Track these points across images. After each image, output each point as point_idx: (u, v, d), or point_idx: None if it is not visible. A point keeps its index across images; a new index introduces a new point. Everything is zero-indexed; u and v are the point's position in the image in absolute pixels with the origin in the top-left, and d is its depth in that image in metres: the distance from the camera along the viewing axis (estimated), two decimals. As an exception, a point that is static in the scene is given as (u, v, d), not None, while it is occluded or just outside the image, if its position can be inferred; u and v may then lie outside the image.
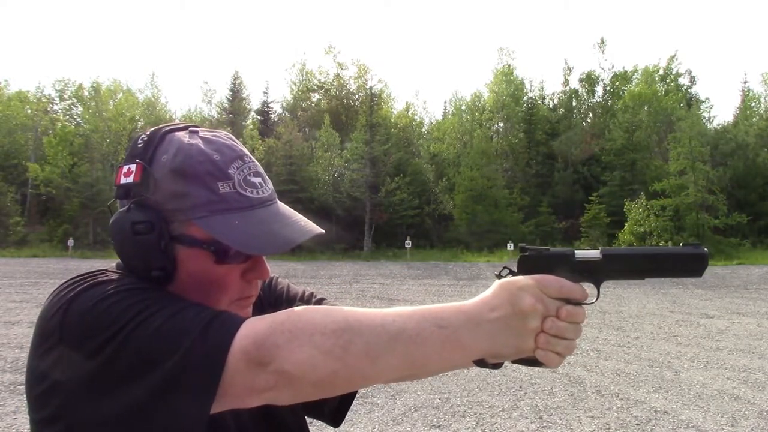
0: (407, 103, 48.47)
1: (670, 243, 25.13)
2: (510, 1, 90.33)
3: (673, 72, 40.04)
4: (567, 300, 0.74)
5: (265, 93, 48.12)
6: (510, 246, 27.09)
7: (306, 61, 56.10)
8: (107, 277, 0.76)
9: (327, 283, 16.84)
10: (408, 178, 33.40)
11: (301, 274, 20.11)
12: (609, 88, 40.85)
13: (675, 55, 42.87)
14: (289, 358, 0.67)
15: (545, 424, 4.96)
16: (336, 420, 1.01)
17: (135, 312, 0.69)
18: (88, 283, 0.74)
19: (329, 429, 1.06)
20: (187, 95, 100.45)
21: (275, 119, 43.15)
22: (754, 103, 39.77)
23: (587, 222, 30.65)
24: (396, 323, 0.70)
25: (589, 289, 0.77)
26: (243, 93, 44.49)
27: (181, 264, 0.79)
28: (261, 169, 0.86)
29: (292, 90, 45.49)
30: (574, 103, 42.01)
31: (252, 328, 0.69)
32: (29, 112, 40.35)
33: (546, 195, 35.18)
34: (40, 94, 41.76)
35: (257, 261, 0.85)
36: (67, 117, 40.93)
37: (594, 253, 0.77)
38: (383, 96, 41.12)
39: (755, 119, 38.04)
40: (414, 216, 33.17)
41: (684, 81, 40.35)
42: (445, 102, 59.11)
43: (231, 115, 43.15)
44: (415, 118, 44.39)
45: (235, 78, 44.20)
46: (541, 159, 37.45)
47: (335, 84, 43.53)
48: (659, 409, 5.37)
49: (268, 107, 44.02)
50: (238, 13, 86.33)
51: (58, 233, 32.51)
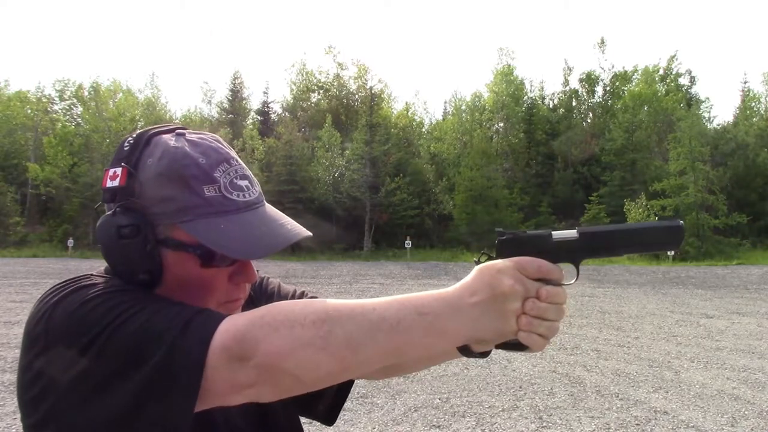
0: (407, 103, 48.46)
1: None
2: (510, 1, 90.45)
3: (673, 72, 40.08)
4: (546, 280, 0.74)
5: (265, 93, 48.27)
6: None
7: (306, 61, 56.02)
8: (91, 281, 0.76)
9: (327, 283, 16.84)
10: (408, 178, 33.42)
11: (301, 274, 20.11)
12: (609, 88, 40.88)
13: (675, 55, 43.00)
14: (270, 351, 0.66)
15: (545, 424, 4.96)
16: (329, 419, 1.01)
17: (118, 312, 0.69)
18: (72, 288, 0.74)
19: (325, 429, 1.06)
20: (187, 95, 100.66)
21: (275, 119, 43.19)
22: (754, 103, 39.84)
23: (587, 222, 30.66)
24: (376, 311, 0.69)
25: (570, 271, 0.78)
26: (243, 93, 44.62)
27: (168, 267, 0.79)
28: (248, 172, 0.86)
29: (292, 90, 45.53)
30: (574, 103, 42.04)
31: (232, 324, 0.69)
32: (29, 112, 40.29)
33: (546, 195, 35.20)
34: (40, 94, 41.70)
35: (244, 264, 0.85)
36: (67, 117, 40.91)
37: (571, 233, 0.78)
38: (383, 96, 41.12)
39: (755, 119, 38.09)
40: (414, 216, 33.18)
41: (684, 81, 40.44)
42: (445, 102, 59.14)
43: (231, 115, 43.25)
44: (415, 118, 44.48)
45: (235, 78, 44.34)
46: (541, 159, 37.48)
47: (335, 84, 43.53)
48: (659, 409, 5.37)
49: (268, 107, 44.10)
50: (238, 13, 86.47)
51: (58, 233, 32.53)
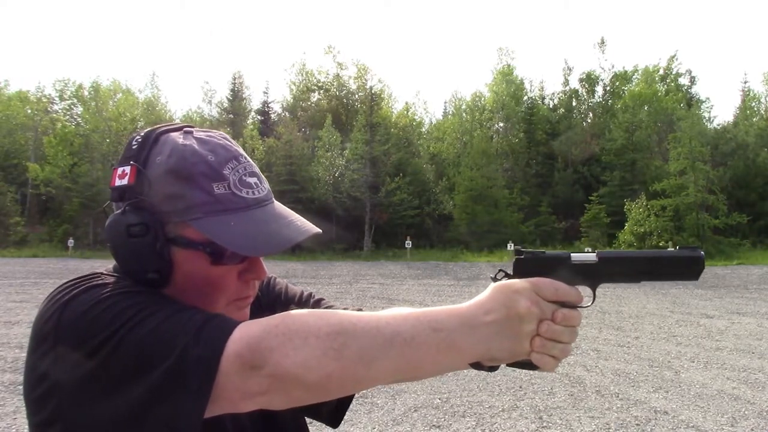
0: (407, 103, 48.43)
1: (670, 243, 25.17)
2: (510, 1, 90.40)
3: (673, 72, 40.03)
4: (562, 303, 0.73)
5: (265, 93, 48.18)
6: (510, 246, 27.02)
7: (306, 61, 55.98)
8: (102, 281, 0.76)
9: (327, 283, 16.83)
10: (408, 178, 33.39)
11: (301, 274, 20.11)
12: (609, 88, 40.83)
13: (675, 55, 42.82)
14: (283, 361, 0.66)
15: (545, 424, 4.96)
16: (334, 421, 1.01)
17: (129, 315, 0.69)
18: (83, 287, 0.74)
19: (328, 429, 1.06)
20: (187, 95, 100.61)
21: (275, 119, 43.16)
22: (754, 103, 39.80)
23: (587, 222, 30.66)
24: (390, 326, 0.69)
25: (586, 292, 0.77)
26: (243, 93, 44.54)
27: (178, 266, 0.79)
28: (257, 169, 0.86)
29: (292, 90, 45.47)
30: (574, 103, 42.00)
31: (246, 331, 0.68)
32: (29, 112, 40.31)
33: (546, 195, 35.18)
34: (40, 94, 41.74)
35: (254, 262, 0.85)
36: (67, 117, 40.83)
37: (590, 256, 0.77)
38: (383, 96, 41.09)
39: (755, 119, 38.06)
40: (414, 216, 33.15)
41: (684, 81, 40.34)
42: (445, 102, 59.11)
43: (231, 115, 43.21)
44: (415, 118, 44.42)
45: (236, 78, 44.29)
46: (541, 159, 37.45)
47: (335, 84, 43.52)
48: (659, 409, 5.37)
49: (268, 107, 44.06)
50: (238, 13, 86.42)
51: (58, 233, 32.50)
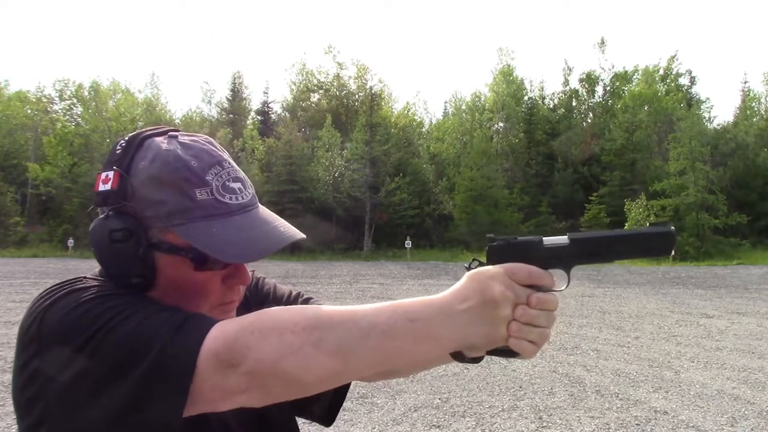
0: (407, 103, 48.52)
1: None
2: (510, 1, 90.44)
3: (674, 72, 40.03)
4: (537, 287, 0.74)
5: (265, 93, 48.27)
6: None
7: (306, 61, 55.99)
8: (84, 284, 0.76)
9: (327, 283, 16.83)
10: (408, 178, 33.41)
11: (301, 274, 20.11)
12: (609, 88, 40.86)
13: (675, 55, 42.83)
14: (260, 358, 0.66)
15: (545, 424, 4.96)
16: (327, 420, 1.00)
17: (110, 316, 0.69)
18: (64, 291, 0.74)
19: (328, 429, 1.06)
20: (187, 95, 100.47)
21: (275, 119, 43.22)
22: (754, 103, 39.83)
23: (587, 222, 30.67)
24: (367, 318, 0.69)
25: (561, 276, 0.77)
26: (243, 93, 44.58)
27: (161, 271, 0.79)
28: (241, 174, 0.85)
29: (292, 90, 45.50)
30: (574, 103, 42.01)
31: (222, 330, 0.68)
32: (29, 112, 40.29)
33: (546, 195, 35.19)
34: (40, 94, 41.68)
35: (238, 267, 0.84)
36: (67, 117, 40.84)
37: (562, 239, 0.77)
38: (383, 96, 41.11)
39: (755, 119, 38.10)
40: (414, 216, 33.18)
41: (684, 81, 40.36)
42: (445, 102, 59.18)
43: (231, 116, 43.26)
44: (415, 118, 44.42)
45: (236, 78, 44.33)
46: (541, 159, 37.46)
47: (335, 84, 43.52)
48: (659, 409, 5.37)
49: (268, 107, 44.11)
50: (238, 13, 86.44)
51: (58, 233, 32.49)
